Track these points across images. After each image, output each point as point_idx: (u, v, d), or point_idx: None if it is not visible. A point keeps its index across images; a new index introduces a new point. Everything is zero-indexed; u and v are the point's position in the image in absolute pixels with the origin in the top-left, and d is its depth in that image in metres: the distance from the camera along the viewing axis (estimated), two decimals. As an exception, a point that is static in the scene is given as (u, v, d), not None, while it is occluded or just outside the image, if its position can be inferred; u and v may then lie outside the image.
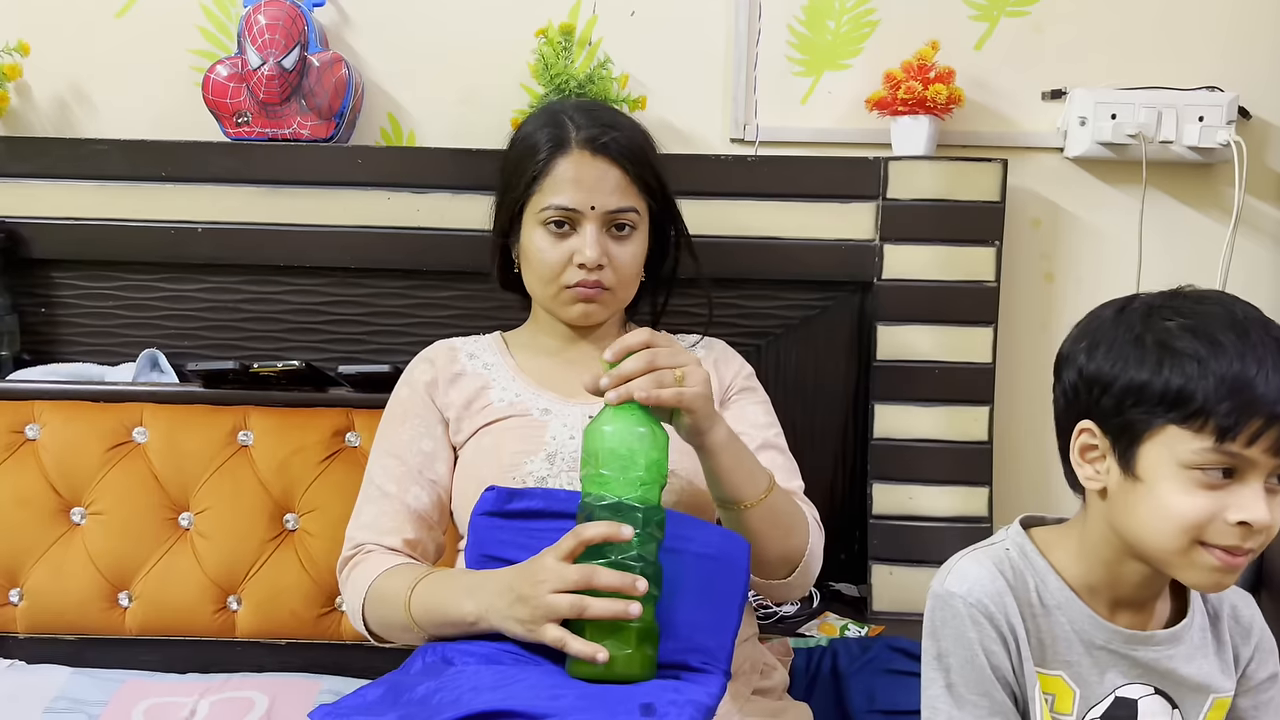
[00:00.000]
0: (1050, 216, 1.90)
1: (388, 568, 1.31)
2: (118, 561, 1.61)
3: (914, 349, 1.77)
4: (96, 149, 1.75)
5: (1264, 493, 0.95)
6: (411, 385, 1.44)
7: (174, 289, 1.81)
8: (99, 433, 1.64)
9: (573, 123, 1.38)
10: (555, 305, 1.40)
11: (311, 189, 1.75)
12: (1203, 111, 1.79)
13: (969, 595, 1.06)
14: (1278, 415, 0.93)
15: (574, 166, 1.35)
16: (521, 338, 1.50)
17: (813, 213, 1.75)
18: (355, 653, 1.61)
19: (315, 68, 1.75)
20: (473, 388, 1.41)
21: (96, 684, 1.53)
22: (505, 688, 1.09)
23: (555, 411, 1.38)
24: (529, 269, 1.41)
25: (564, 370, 1.44)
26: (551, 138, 1.37)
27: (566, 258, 1.35)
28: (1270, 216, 1.89)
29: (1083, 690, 1.07)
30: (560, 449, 1.34)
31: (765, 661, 1.36)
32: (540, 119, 1.42)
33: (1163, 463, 0.98)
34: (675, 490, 1.34)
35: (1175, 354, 0.98)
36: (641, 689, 1.09)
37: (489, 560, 1.27)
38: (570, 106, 1.43)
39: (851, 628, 1.68)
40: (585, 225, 1.35)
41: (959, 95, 1.76)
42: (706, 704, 1.07)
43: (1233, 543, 0.96)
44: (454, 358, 1.45)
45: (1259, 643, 1.12)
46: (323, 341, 1.82)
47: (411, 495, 1.37)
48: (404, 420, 1.42)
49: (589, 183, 1.35)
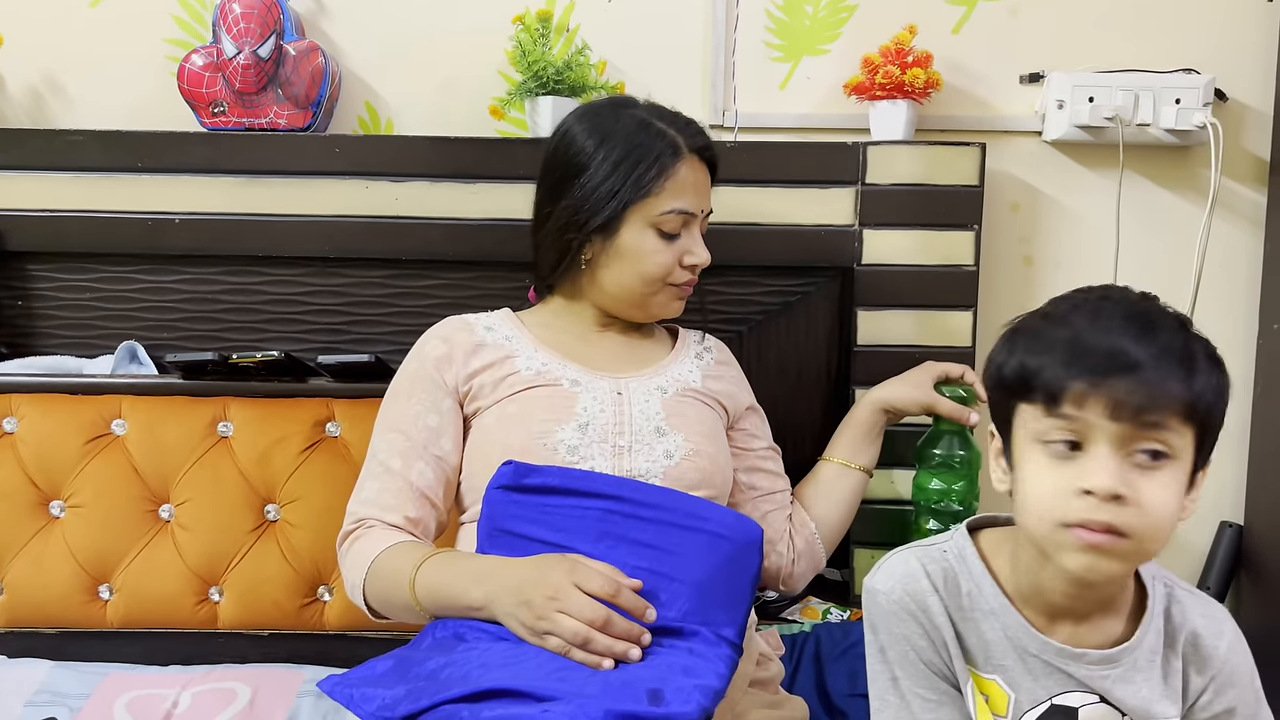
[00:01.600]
0: (1029, 200, 1.91)
1: (390, 545, 1.30)
2: (98, 554, 1.61)
3: (894, 334, 1.78)
4: (72, 140, 1.74)
5: (1115, 461, 0.92)
6: (421, 360, 1.42)
7: (152, 280, 1.80)
8: (77, 425, 1.63)
9: (674, 128, 1.41)
10: (650, 304, 1.44)
11: (289, 179, 1.74)
12: (1179, 94, 1.80)
13: (891, 592, 1.06)
14: (1103, 375, 0.92)
15: (692, 172, 1.41)
16: (538, 317, 1.50)
17: (792, 198, 1.75)
18: (339, 643, 1.61)
19: (291, 56, 1.74)
20: (496, 356, 1.41)
21: (78, 677, 1.53)
22: (513, 665, 1.10)
23: (585, 384, 1.39)
24: (629, 269, 1.41)
25: (586, 347, 1.46)
26: (665, 141, 1.39)
27: (677, 259, 1.41)
28: (1246, 198, 1.90)
29: (1018, 695, 1.05)
30: (592, 420, 1.35)
31: (762, 652, 1.38)
32: (627, 120, 1.40)
33: (1023, 445, 0.98)
34: (698, 470, 1.35)
35: (1020, 332, 0.99)
36: (651, 672, 1.10)
37: (502, 534, 1.27)
38: (647, 109, 1.43)
39: (834, 612, 1.68)
40: (694, 228, 1.43)
41: (937, 79, 1.76)
42: (715, 687, 1.07)
43: (1086, 516, 0.93)
44: (472, 331, 1.45)
45: (1218, 674, 1.05)
46: (302, 332, 1.82)
47: (416, 471, 1.36)
48: (410, 395, 1.40)
49: (702, 188, 1.44)
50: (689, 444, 1.36)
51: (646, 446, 1.34)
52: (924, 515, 1.66)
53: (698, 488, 1.35)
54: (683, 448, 1.35)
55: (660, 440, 1.35)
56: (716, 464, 1.38)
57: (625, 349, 1.47)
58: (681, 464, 1.34)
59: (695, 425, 1.39)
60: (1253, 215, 1.90)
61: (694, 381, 1.45)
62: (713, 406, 1.45)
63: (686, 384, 1.44)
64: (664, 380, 1.43)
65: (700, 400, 1.44)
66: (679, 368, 1.47)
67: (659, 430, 1.36)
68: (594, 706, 1.00)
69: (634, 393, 1.39)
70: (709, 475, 1.37)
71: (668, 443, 1.35)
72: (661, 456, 1.34)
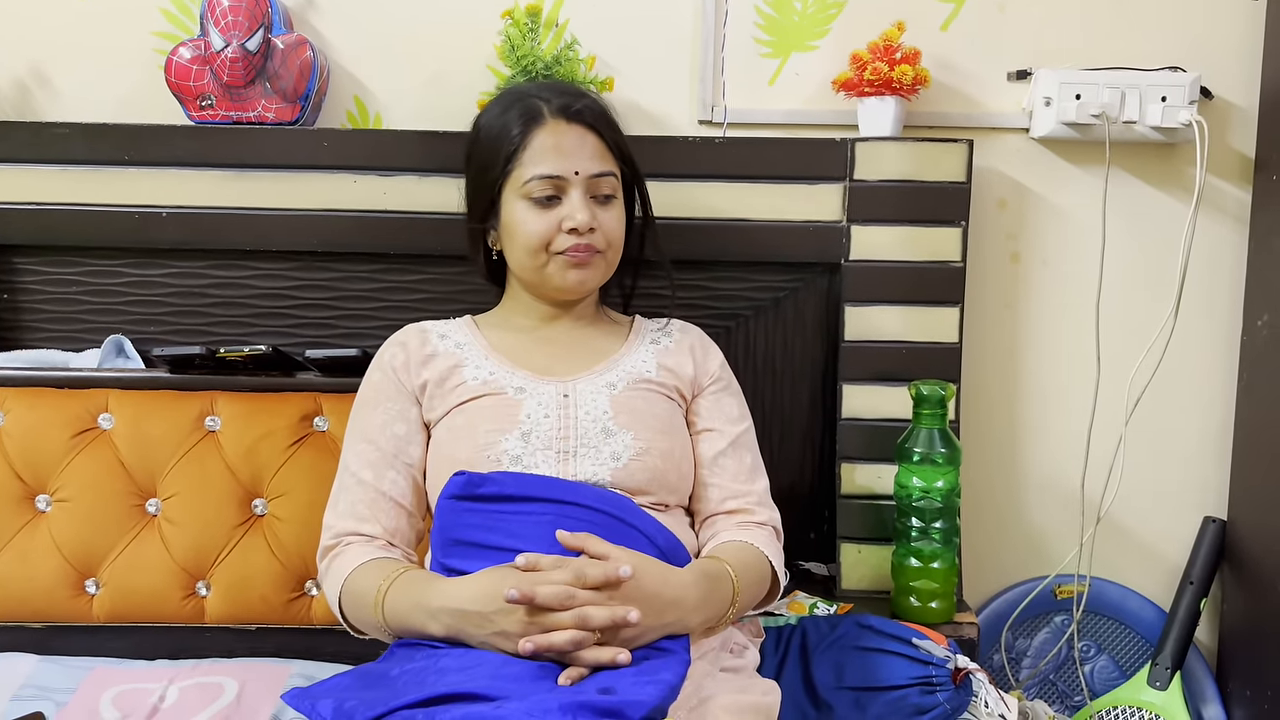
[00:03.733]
0: (1016, 197, 1.91)
1: (361, 563, 1.31)
2: (84, 549, 1.60)
3: (881, 329, 1.78)
4: (58, 133, 1.73)
5: None
6: (383, 369, 1.44)
7: (139, 274, 1.79)
8: (64, 419, 1.63)
9: (540, 97, 1.40)
10: (546, 277, 1.41)
11: (277, 172, 1.74)
12: (1165, 92, 1.81)
13: None
14: None
15: (552, 135, 1.38)
16: (493, 319, 1.51)
17: (780, 194, 1.75)
18: (326, 637, 1.61)
19: (280, 50, 1.73)
20: (445, 367, 1.42)
21: (64, 672, 1.52)
22: (469, 670, 1.11)
23: (530, 390, 1.38)
24: (514, 246, 1.41)
25: (538, 348, 1.45)
26: (524, 112, 1.39)
27: (554, 226, 1.38)
28: (1231, 196, 1.91)
29: None
30: (535, 427, 1.34)
31: (736, 641, 1.37)
32: (505, 101, 1.44)
33: None
34: (647, 469, 1.35)
35: None
36: (604, 673, 1.11)
37: (455, 545, 1.28)
38: (532, 86, 1.46)
39: (820, 606, 1.69)
40: (571, 191, 1.38)
41: (925, 76, 1.77)
42: (670, 682, 1.08)
43: None
44: (425, 339, 1.46)
45: None
46: (290, 326, 1.81)
47: (388, 481, 1.37)
48: (376, 405, 1.42)
49: (569, 149, 1.38)
50: (638, 442, 1.35)
51: (593, 450, 1.34)
52: (906, 513, 1.67)
53: (648, 487, 1.35)
54: (631, 447, 1.34)
55: (607, 441, 1.34)
56: (670, 459, 1.37)
57: (577, 344, 1.47)
58: (630, 464, 1.34)
59: (646, 420, 1.38)
60: (1237, 212, 1.91)
61: (648, 371, 1.44)
62: (669, 396, 1.44)
63: (639, 375, 1.43)
64: (614, 375, 1.42)
65: (653, 390, 1.42)
66: (632, 359, 1.46)
67: (606, 431, 1.35)
68: (550, 700, 1.00)
69: (581, 394, 1.39)
70: (660, 473, 1.36)
71: (615, 444, 1.34)
72: (609, 459, 1.33)
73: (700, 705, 1.17)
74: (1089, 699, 1.97)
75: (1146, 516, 1.98)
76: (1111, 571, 1.98)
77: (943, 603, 1.66)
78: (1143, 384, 1.87)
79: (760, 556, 1.38)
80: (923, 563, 1.66)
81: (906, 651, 1.36)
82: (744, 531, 1.40)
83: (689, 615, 1.22)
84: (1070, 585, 1.94)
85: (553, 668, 1.12)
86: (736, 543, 1.38)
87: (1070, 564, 1.92)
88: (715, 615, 1.28)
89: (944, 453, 1.63)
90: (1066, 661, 2.01)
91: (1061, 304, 1.93)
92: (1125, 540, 1.98)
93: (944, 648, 1.38)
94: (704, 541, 1.41)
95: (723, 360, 1.53)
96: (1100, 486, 1.90)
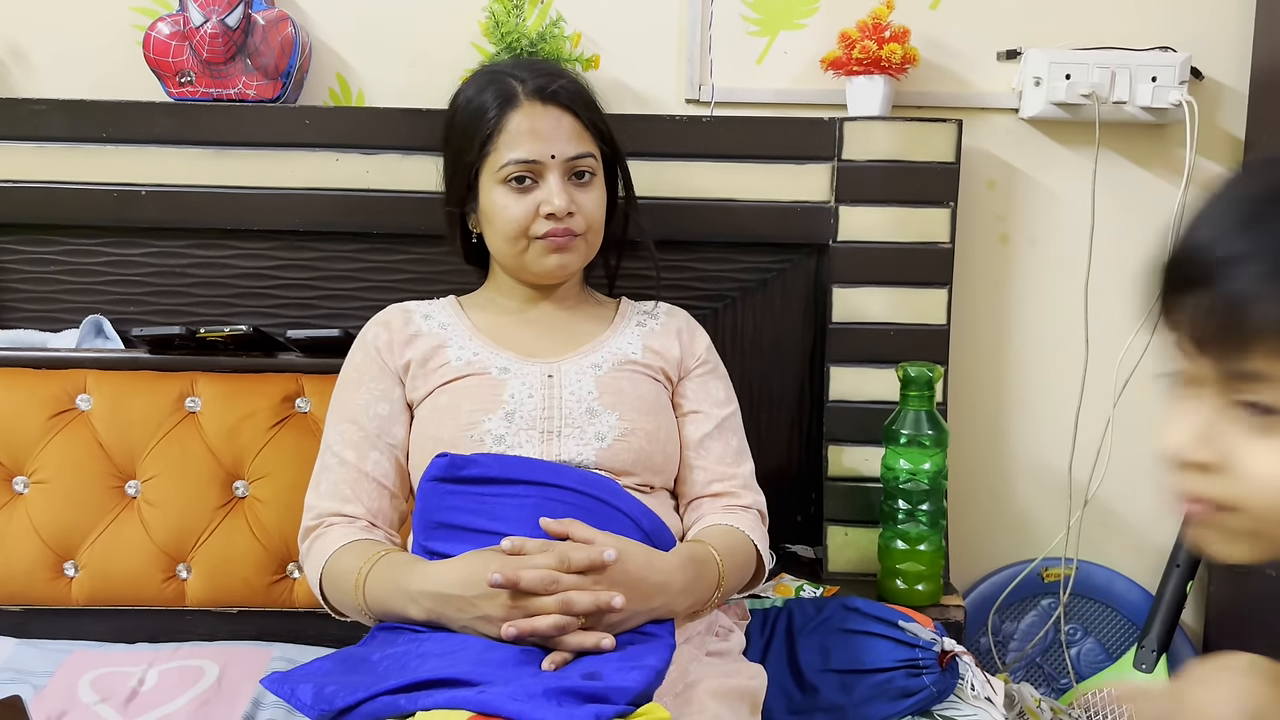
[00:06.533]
0: (1005, 177, 1.90)
1: (342, 545, 1.30)
2: (63, 531, 1.58)
3: (869, 311, 1.77)
4: (35, 109, 1.70)
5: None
6: (365, 349, 1.43)
7: (118, 253, 1.77)
8: (41, 400, 1.61)
9: (515, 78, 1.38)
10: (526, 262, 1.40)
11: (258, 150, 1.71)
12: (1155, 72, 1.80)
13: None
14: None
15: (527, 118, 1.35)
16: (478, 300, 1.50)
17: (768, 174, 1.74)
18: (308, 620, 1.60)
19: (260, 26, 1.70)
20: (429, 346, 1.40)
21: (42, 655, 1.51)
22: (451, 655, 1.10)
23: (514, 370, 1.37)
24: (493, 230, 1.40)
25: (523, 329, 1.44)
26: (498, 94, 1.37)
27: (532, 210, 1.36)
28: (1221, 177, 1.90)
29: None
30: (519, 407, 1.33)
31: (721, 624, 1.37)
32: (479, 81, 1.42)
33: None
34: (632, 450, 1.34)
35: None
36: (588, 658, 1.10)
37: (438, 528, 1.26)
38: (507, 64, 1.44)
39: (807, 588, 1.68)
40: (548, 175, 1.36)
41: (914, 55, 1.75)
42: (656, 667, 1.07)
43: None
44: (409, 319, 1.44)
45: None
46: (271, 306, 1.79)
47: (370, 462, 1.36)
48: (359, 385, 1.40)
49: (545, 132, 1.36)
50: (623, 423, 1.34)
51: (577, 430, 1.33)
52: (892, 495, 1.66)
53: (633, 468, 1.34)
54: (616, 428, 1.34)
55: (592, 422, 1.33)
56: (655, 440, 1.36)
57: (562, 326, 1.45)
58: (614, 445, 1.33)
59: (631, 401, 1.37)
60: (1227, 194, 1.90)
61: (633, 353, 1.43)
62: (655, 378, 1.43)
63: (625, 356, 1.42)
64: (599, 357, 1.41)
65: (638, 371, 1.42)
66: (618, 340, 1.45)
67: (591, 411, 1.34)
68: (534, 685, 0.99)
69: (566, 375, 1.38)
70: (645, 454, 1.35)
71: (600, 424, 1.34)
72: (593, 439, 1.33)
73: (686, 690, 1.17)
74: (1075, 681, 1.97)
75: (1134, 499, 1.97)
76: (1098, 554, 1.98)
77: (929, 585, 1.66)
78: (1131, 366, 1.87)
79: (745, 540, 1.37)
80: (909, 545, 1.65)
81: (893, 634, 1.36)
82: (729, 515, 1.39)
83: (674, 600, 1.22)
84: (1057, 568, 1.94)
85: (536, 653, 1.11)
86: (722, 526, 1.37)
87: (1057, 547, 1.92)
88: (701, 599, 1.28)
89: (931, 435, 1.62)
90: (1053, 644, 2.00)
91: (1050, 285, 1.92)
92: (1112, 523, 1.98)
93: (930, 630, 1.38)
94: (689, 524, 1.41)
95: (709, 343, 1.51)
96: (1088, 469, 1.90)
